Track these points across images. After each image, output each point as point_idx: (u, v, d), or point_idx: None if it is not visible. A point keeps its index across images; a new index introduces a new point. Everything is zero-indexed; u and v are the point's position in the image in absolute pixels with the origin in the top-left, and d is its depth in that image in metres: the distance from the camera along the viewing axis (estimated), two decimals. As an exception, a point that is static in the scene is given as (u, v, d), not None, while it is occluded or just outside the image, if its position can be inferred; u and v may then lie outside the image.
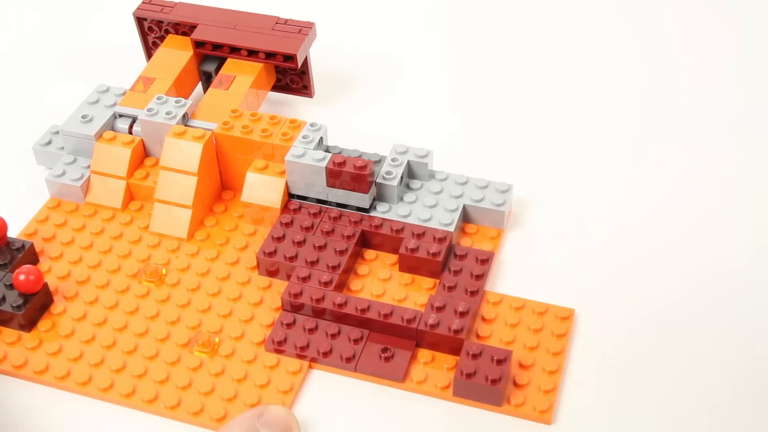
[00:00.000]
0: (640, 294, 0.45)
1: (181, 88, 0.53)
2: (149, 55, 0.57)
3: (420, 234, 0.45)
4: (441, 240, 0.45)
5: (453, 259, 0.45)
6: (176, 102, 0.50)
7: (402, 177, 0.47)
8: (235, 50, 0.54)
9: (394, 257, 0.46)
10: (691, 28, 0.63)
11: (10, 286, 0.43)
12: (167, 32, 0.56)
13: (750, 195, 0.50)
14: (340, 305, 0.42)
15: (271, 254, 0.45)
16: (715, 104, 0.57)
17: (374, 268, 0.46)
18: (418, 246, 0.45)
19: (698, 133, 0.55)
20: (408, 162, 0.48)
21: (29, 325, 0.43)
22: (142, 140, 0.50)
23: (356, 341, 0.42)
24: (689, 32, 0.63)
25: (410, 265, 0.45)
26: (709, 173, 0.52)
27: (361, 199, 0.47)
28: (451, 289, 0.44)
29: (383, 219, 0.46)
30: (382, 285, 0.45)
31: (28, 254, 0.45)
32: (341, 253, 0.45)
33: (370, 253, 0.46)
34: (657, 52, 0.61)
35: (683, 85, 0.58)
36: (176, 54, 0.54)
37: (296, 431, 0.38)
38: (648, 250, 0.47)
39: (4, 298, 0.43)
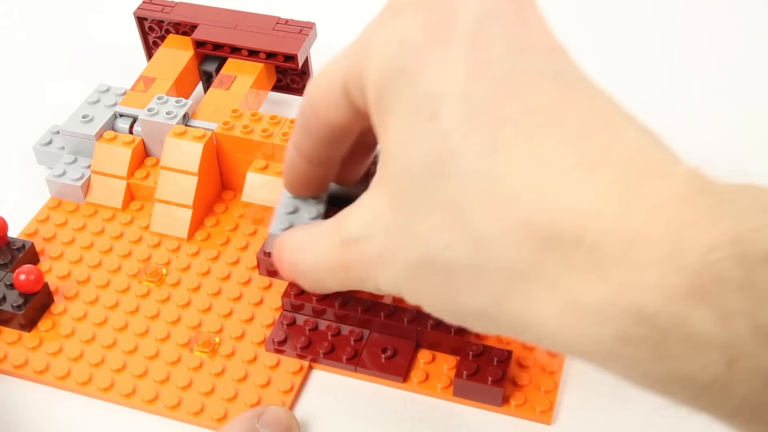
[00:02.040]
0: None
1: (181, 88, 0.53)
2: (150, 54, 0.57)
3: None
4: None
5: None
6: (177, 102, 0.50)
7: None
8: (235, 50, 0.54)
9: (394, 257, 0.46)
10: (700, 24, 0.63)
11: (11, 286, 0.43)
12: (168, 32, 0.56)
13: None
14: (341, 305, 0.42)
15: (272, 254, 0.45)
16: (719, 105, 0.57)
17: (375, 268, 0.46)
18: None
19: (700, 133, 0.54)
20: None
21: (29, 324, 0.43)
22: (143, 140, 0.50)
23: (357, 341, 0.42)
24: (697, 28, 0.63)
25: (411, 265, 0.45)
26: (710, 174, 0.51)
27: (362, 199, 0.47)
28: (451, 289, 0.44)
29: (384, 219, 0.46)
30: (383, 285, 0.45)
31: (29, 254, 0.45)
32: (342, 253, 0.45)
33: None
34: (659, 49, 0.61)
35: (685, 84, 0.58)
36: (177, 54, 0.54)
37: (296, 431, 0.38)
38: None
39: (4, 298, 0.43)
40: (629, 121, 0.28)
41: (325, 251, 0.34)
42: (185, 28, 0.55)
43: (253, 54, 0.54)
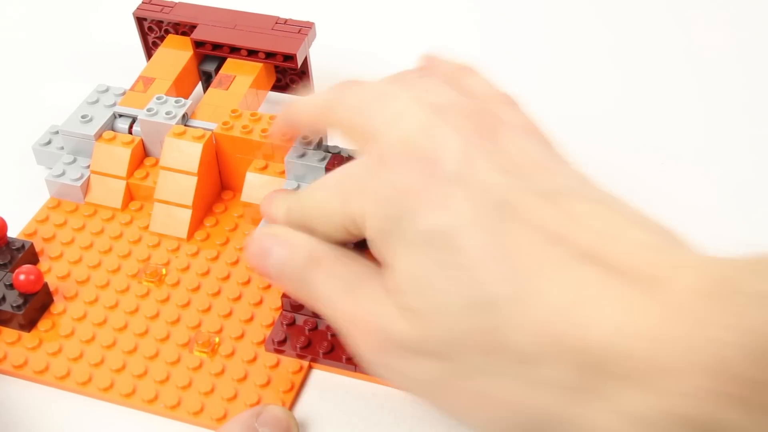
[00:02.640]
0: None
1: (180, 88, 0.53)
2: (149, 55, 0.57)
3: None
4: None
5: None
6: (176, 102, 0.50)
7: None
8: (234, 50, 0.54)
9: (394, 257, 0.46)
10: (698, 24, 0.63)
11: (10, 286, 0.43)
12: (167, 32, 0.56)
13: (752, 194, 0.50)
14: (341, 305, 0.42)
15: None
16: (719, 104, 0.57)
17: (374, 268, 0.46)
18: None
19: (700, 131, 0.55)
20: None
21: (29, 325, 0.43)
22: (142, 140, 0.50)
23: (356, 341, 0.42)
24: (694, 29, 0.63)
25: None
26: (709, 172, 0.52)
27: (361, 199, 0.47)
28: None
29: (383, 219, 0.46)
30: (382, 285, 0.45)
31: (28, 254, 0.45)
32: (341, 252, 0.45)
33: (370, 253, 0.46)
34: (657, 46, 0.61)
35: (685, 83, 0.58)
36: (176, 54, 0.54)
37: (295, 431, 0.38)
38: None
39: (4, 298, 0.43)
40: (628, 219, 0.30)
41: (368, 298, 0.34)
42: (184, 28, 0.55)
43: (252, 54, 0.54)
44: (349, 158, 0.46)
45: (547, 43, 0.63)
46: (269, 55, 0.53)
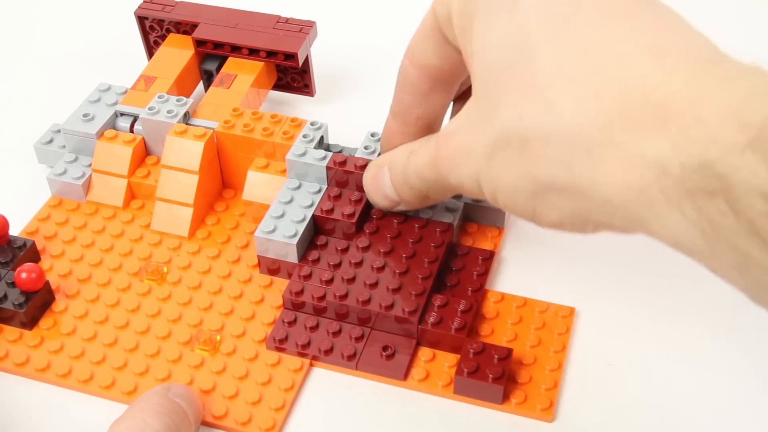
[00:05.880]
0: (641, 293, 0.45)
1: (182, 87, 0.53)
2: (150, 53, 0.57)
3: (422, 226, 0.45)
4: (444, 233, 0.45)
5: (454, 258, 0.45)
6: (177, 101, 0.50)
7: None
8: (236, 49, 0.54)
9: (395, 255, 0.46)
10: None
11: (12, 284, 0.43)
12: (168, 31, 0.56)
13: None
14: (342, 297, 0.42)
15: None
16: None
17: (375, 267, 0.46)
18: (421, 237, 0.45)
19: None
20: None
21: (31, 323, 0.43)
22: (144, 139, 0.50)
23: (357, 339, 0.42)
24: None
25: (411, 263, 0.45)
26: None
27: (362, 198, 0.47)
28: (452, 287, 0.44)
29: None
30: (383, 283, 0.45)
31: (30, 252, 0.45)
32: (343, 251, 0.45)
33: (371, 252, 0.46)
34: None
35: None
36: (177, 53, 0.54)
37: (198, 403, 0.39)
38: (649, 249, 0.47)
39: (5, 296, 0.43)
40: (693, 29, 0.31)
41: (427, 150, 0.39)
42: (186, 27, 0.55)
43: (253, 53, 0.54)
44: (350, 157, 0.46)
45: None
46: (270, 54, 0.53)
